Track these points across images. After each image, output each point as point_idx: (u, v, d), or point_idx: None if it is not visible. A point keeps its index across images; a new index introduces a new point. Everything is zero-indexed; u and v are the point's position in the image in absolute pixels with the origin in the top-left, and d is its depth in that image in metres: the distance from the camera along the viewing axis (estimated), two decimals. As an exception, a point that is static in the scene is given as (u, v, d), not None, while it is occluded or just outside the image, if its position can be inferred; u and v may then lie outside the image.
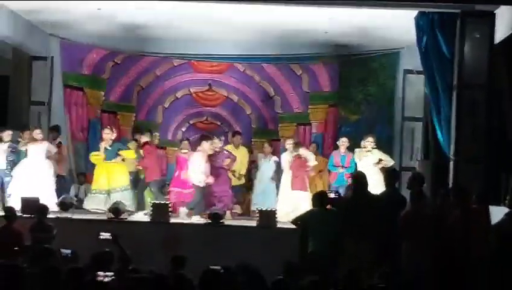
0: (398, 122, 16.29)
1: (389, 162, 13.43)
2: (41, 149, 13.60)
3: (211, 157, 13.54)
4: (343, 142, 14.18)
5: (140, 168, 14.42)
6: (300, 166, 13.85)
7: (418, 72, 14.61)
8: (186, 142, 14.66)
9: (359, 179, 10.00)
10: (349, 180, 12.19)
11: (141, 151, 14.33)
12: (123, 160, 13.90)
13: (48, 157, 13.73)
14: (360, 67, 16.67)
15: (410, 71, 15.89)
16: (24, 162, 13.59)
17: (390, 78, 16.52)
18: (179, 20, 14.68)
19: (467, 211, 9.33)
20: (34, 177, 13.35)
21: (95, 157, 14.00)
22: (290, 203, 13.27)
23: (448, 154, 11.95)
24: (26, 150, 13.56)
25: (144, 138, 14.42)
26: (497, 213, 9.72)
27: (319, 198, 9.98)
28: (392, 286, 7.03)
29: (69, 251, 8.54)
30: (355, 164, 13.65)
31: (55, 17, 15.00)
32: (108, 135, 13.82)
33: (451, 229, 9.25)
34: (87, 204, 13.81)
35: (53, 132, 14.91)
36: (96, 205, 13.59)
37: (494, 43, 11.97)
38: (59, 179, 14.31)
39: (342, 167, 13.90)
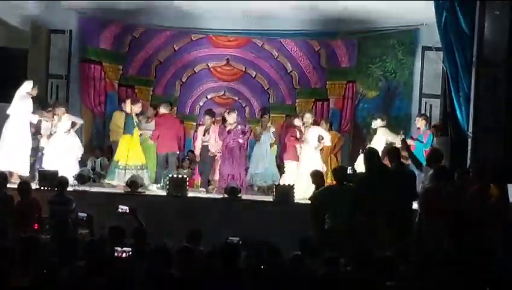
0: (416, 99, 16.21)
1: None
2: (66, 125, 13.75)
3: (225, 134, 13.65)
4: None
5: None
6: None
7: (437, 49, 14.51)
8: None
9: (371, 155, 9.94)
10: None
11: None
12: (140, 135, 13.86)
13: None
14: (378, 43, 16.57)
15: (429, 48, 15.77)
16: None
17: (409, 55, 16.41)
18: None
19: (486, 189, 9.29)
20: (59, 152, 13.50)
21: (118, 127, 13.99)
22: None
23: (467, 131, 11.90)
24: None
25: (162, 110, 14.40)
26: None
27: (338, 174, 9.96)
28: (407, 262, 7.04)
29: (85, 215, 8.66)
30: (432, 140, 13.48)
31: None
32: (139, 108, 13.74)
33: (470, 207, 9.22)
34: (108, 178, 13.68)
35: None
36: (116, 179, 13.42)
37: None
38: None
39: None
